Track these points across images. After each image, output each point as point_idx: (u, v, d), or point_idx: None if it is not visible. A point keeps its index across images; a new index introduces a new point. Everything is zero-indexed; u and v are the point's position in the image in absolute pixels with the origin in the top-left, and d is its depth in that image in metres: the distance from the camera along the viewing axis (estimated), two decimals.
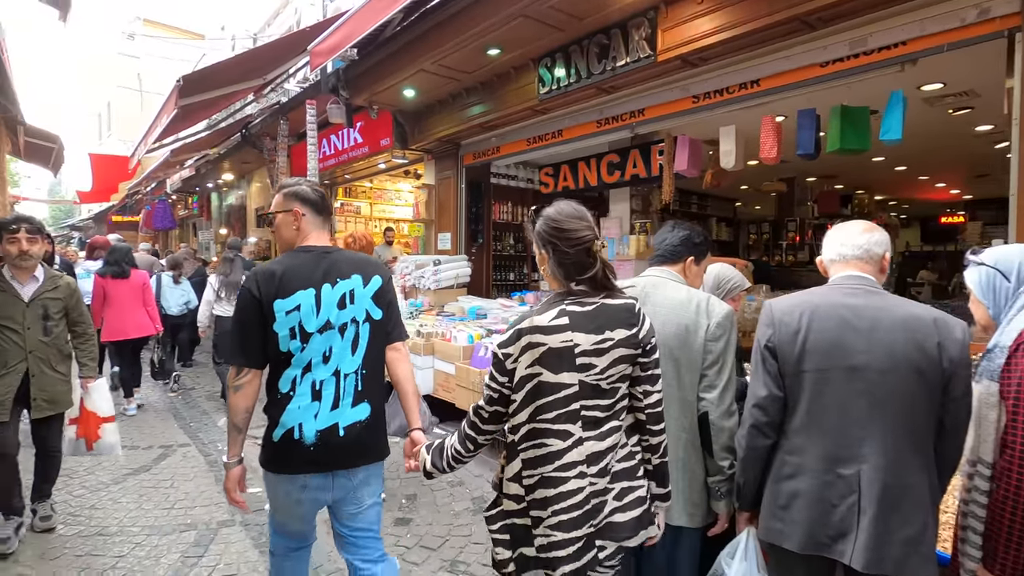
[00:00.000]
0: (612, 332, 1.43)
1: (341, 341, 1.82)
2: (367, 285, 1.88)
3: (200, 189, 15.89)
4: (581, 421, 1.42)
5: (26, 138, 10.37)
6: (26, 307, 2.85)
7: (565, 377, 1.40)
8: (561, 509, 1.40)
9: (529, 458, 1.43)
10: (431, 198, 7.45)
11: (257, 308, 1.75)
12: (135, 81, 25.30)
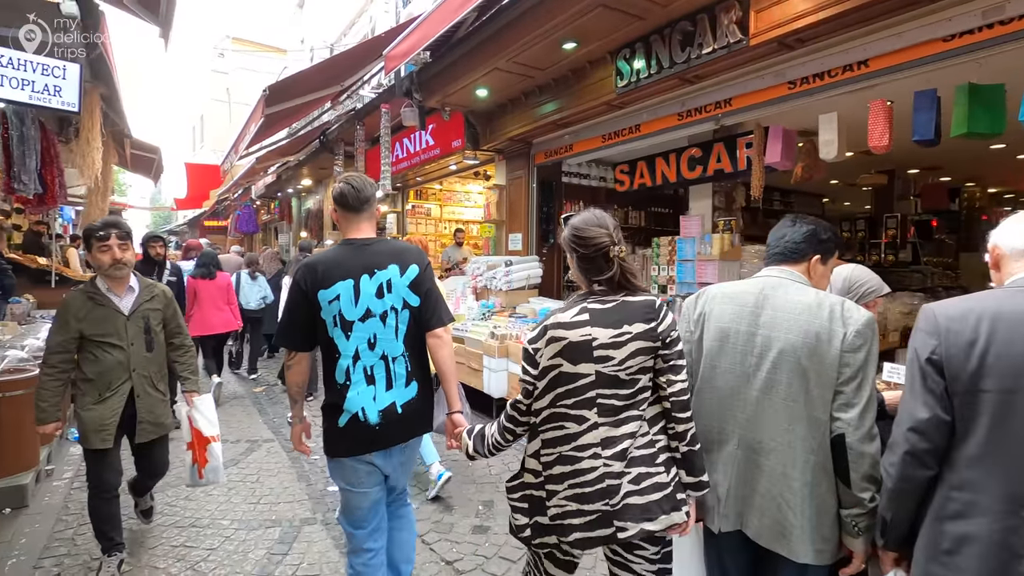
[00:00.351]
0: (630, 327, 1.56)
1: (384, 328, 1.97)
2: (404, 274, 2.00)
3: (281, 195, 16.73)
4: (597, 408, 1.56)
5: (131, 150, 11.28)
6: (127, 321, 2.61)
7: (583, 368, 1.55)
8: (575, 484, 1.54)
9: (548, 439, 1.60)
10: (502, 199, 7.39)
11: (304, 298, 1.94)
12: (225, 95, 27.08)
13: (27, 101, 4.61)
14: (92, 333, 2.51)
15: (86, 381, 2.55)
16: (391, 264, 1.98)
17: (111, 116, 7.91)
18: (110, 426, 2.55)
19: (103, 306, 2.57)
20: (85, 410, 2.53)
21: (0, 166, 5.81)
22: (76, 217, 15.89)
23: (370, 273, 1.95)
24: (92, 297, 2.56)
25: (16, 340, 4.15)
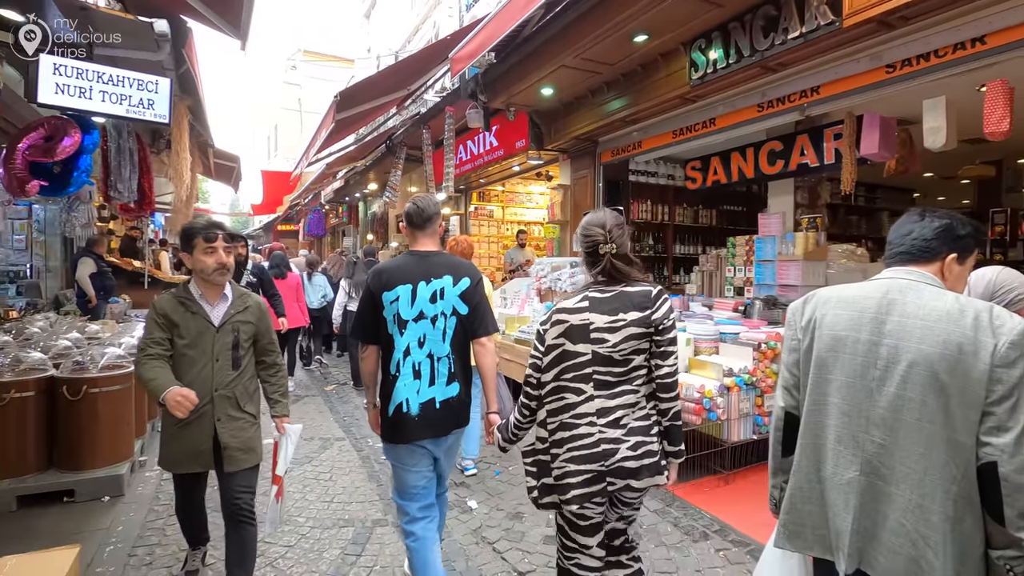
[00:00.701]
0: (625, 314, 1.77)
1: (433, 329, 2.23)
2: (456, 285, 2.27)
3: (349, 199, 17.34)
4: (593, 383, 1.80)
5: (214, 159, 11.99)
6: (216, 333, 2.30)
7: (581, 347, 1.80)
8: (572, 448, 1.79)
9: (551, 408, 1.86)
10: (566, 199, 7.26)
11: (371, 298, 2.25)
12: (296, 105, 28.43)
13: (124, 115, 4.94)
14: (179, 343, 2.26)
15: None
16: (446, 275, 2.27)
17: (196, 127, 8.41)
18: (196, 452, 2.29)
19: (194, 314, 2.29)
20: (169, 435, 2.30)
21: (99, 175, 6.29)
22: (166, 223, 17.13)
23: (427, 280, 2.23)
24: (183, 303, 2.29)
25: (114, 338, 4.44)
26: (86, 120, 4.94)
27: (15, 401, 3.22)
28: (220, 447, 2.29)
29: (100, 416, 3.40)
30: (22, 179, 4.54)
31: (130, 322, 7.51)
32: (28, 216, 7.84)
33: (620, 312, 1.78)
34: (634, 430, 1.79)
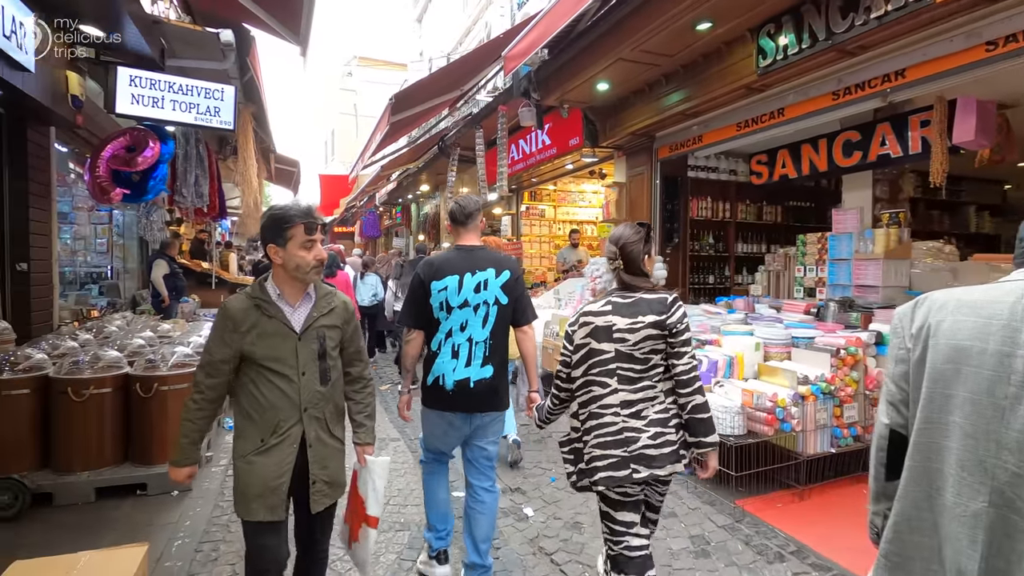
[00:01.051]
0: (644, 318, 1.98)
1: (475, 316, 2.44)
2: (498, 277, 2.47)
3: (402, 201, 17.65)
4: (617, 377, 2.00)
5: (275, 164, 12.48)
6: (298, 341, 1.90)
7: (605, 346, 2.01)
8: (599, 435, 1.99)
9: (582, 401, 2.07)
10: (622, 196, 7.06)
11: (421, 286, 2.46)
12: (352, 110, 29.27)
13: (193, 122, 5.15)
14: (256, 354, 1.85)
15: (245, 419, 1.88)
16: (490, 268, 2.48)
17: (260, 134, 8.73)
18: (279, 489, 1.86)
19: (272, 318, 1.88)
20: (245, 462, 1.86)
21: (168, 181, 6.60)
22: (232, 226, 18.00)
23: (472, 272, 2.45)
24: (259, 305, 1.88)
25: (183, 337, 4.62)
26: (162, 131, 5.19)
27: (94, 397, 3.37)
28: (305, 479, 1.91)
29: (169, 413, 3.52)
30: (105, 187, 4.82)
31: (198, 321, 7.87)
32: (109, 221, 8.34)
33: (639, 316, 2.00)
34: (653, 422, 1.99)
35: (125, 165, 4.93)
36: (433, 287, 2.42)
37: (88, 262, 7.98)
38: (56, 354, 3.76)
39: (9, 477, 3.06)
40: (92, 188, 4.87)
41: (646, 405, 1.99)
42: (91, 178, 4.83)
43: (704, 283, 7.05)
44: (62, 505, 3.25)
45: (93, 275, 8.14)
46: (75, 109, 4.76)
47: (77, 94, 4.67)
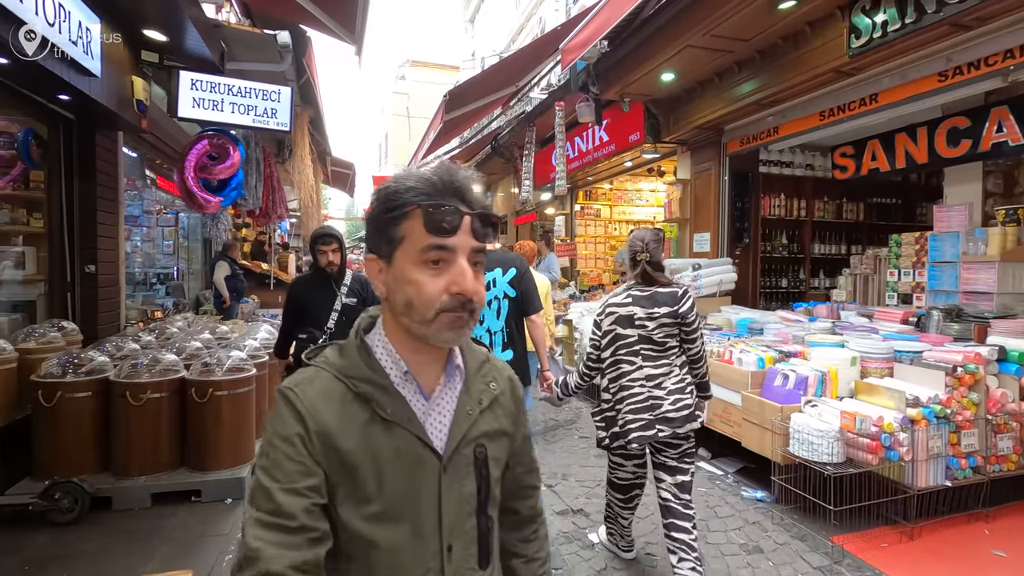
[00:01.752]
0: (659, 308, 2.41)
1: (489, 310, 2.82)
2: (504, 275, 2.83)
3: None
4: (641, 356, 2.45)
5: (332, 167, 12.68)
6: (442, 472, 0.82)
7: (629, 331, 2.46)
8: (631, 403, 2.45)
9: (611, 376, 2.53)
10: (686, 194, 6.65)
11: None
12: (405, 112, 29.74)
13: (251, 124, 5.15)
14: (359, 501, 0.79)
15: None
16: (496, 268, 2.84)
17: (316, 137, 8.83)
18: None
19: (394, 427, 0.82)
20: None
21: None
22: (290, 228, 18.49)
23: (487, 270, 2.74)
24: (365, 396, 0.82)
25: (239, 339, 4.61)
26: (235, 136, 5.26)
27: (151, 401, 3.35)
28: None
29: (224, 419, 3.46)
30: (202, 197, 4.95)
31: (256, 321, 8.01)
32: (175, 224, 8.63)
33: (655, 307, 2.41)
34: (672, 391, 2.43)
35: (207, 173, 5.03)
36: None
37: (156, 264, 8.27)
38: (119, 356, 3.79)
39: (70, 481, 3.06)
40: (187, 199, 4.98)
41: (665, 378, 2.45)
42: (184, 190, 4.94)
43: (776, 287, 6.53)
44: (120, 510, 3.23)
45: (160, 276, 8.43)
46: (140, 114, 4.83)
47: (142, 99, 4.74)
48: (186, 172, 4.92)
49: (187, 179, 4.92)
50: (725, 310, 5.53)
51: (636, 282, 2.49)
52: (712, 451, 4.15)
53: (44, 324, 3.93)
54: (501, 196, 14.77)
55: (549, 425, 5.13)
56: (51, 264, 4.45)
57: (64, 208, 4.48)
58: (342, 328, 2.97)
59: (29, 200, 4.41)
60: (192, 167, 4.96)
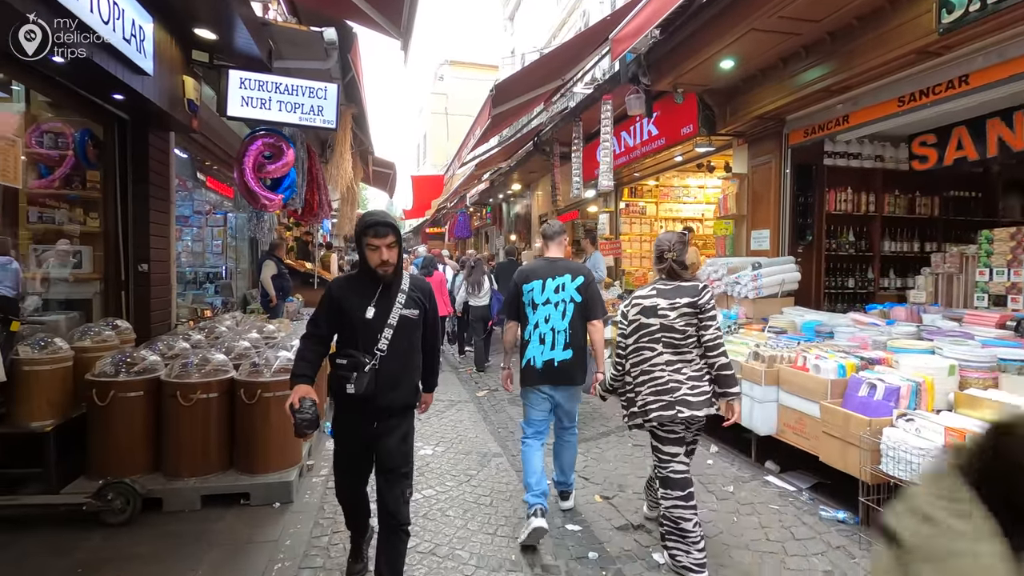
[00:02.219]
0: (680, 300, 2.70)
1: (555, 311, 3.12)
2: (573, 281, 3.13)
3: (492, 201, 17.56)
4: (662, 343, 2.72)
5: (373, 167, 12.73)
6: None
7: (652, 321, 2.74)
8: (651, 386, 2.72)
9: (634, 362, 2.82)
10: (743, 189, 6.29)
11: (516, 288, 3.20)
12: (444, 113, 29.86)
13: (298, 123, 5.11)
14: None
15: None
16: (567, 274, 3.15)
17: (359, 135, 8.82)
18: None
19: None
20: None
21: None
22: (332, 228, 18.79)
23: (552, 277, 3.14)
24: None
25: (286, 339, 4.56)
26: (287, 135, 5.27)
27: (201, 402, 3.30)
28: None
29: (272, 421, 3.38)
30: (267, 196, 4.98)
31: (301, 320, 8.05)
32: (224, 223, 8.78)
33: (677, 298, 2.69)
34: (691, 377, 2.67)
35: (263, 173, 5.05)
36: (524, 288, 3.19)
37: (206, 263, 8.43)
38: (170, 355, 3.78)
39: (122, 482, 3.03)
40: (248, 198, 5.01)
41: (684, 364, 2.70)
42: (245, 190, 4.97)
43: (842, 287, 6.10)
44: (170, 512, 3.19)
45: (210, 275, 8.59)
46: (191, 113, 4.85)
47: (193, 98, 4.75)
48: (246, 173, 4.93)
49: (247, 179, 4.93)
50: (788, 312, 5.18)
51: (661, 277, 2.85)
52: (780, 464, 3.85)
53: (99, 323, 3.96)
54: (540, 195, 14.58)
55: (600, 431, 4.91)
56: (106, 263, 4.51)
57: (118, 208, 4.53)
58: (396, 351, 2.28)
59: (86, 200, 4.48)
60: (251, 167, 4.97)
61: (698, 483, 3.69)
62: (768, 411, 3.68)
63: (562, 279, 3.13)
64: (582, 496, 3.55)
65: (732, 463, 4.06)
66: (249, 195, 5.06)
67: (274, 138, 5.11)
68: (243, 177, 4.98)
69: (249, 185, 4.96)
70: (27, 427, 3.13)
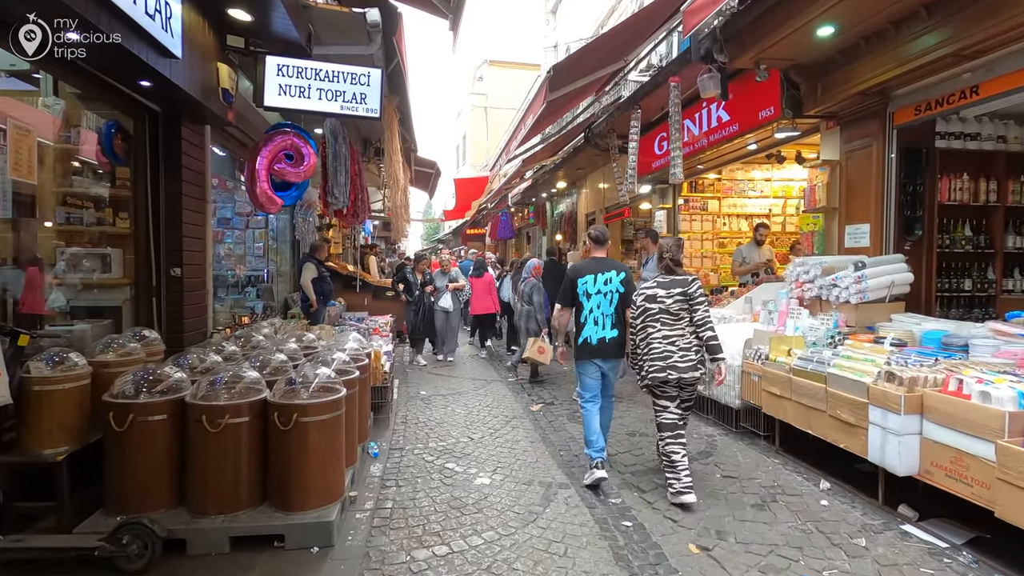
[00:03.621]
0: (675, 289, 3.59)
1: (604, 300, 3.93)
2: (618, 276, 3.95)
3: (535, 200, 16.97)
4: (660, 322, 3.59)
5: (415, 167, 12.35)
6: None
7: (653, 305, 3.62)
8: (653, 355, 3.59)
9: (641, 338, 3.68)
10: (835, 179, 5.52)
11: (571, 281, 4.00)
12: (483, 114, 29.58)
13: (339, 112, 4.67)
14: None
15: None
16: (612, 270, 3.96)
17: (402, 132, 8.40)
18: None
19: None
20: None
21: (319, 183, 6.34)
22: (374, 229, 18.61)
23: (602, 272, 3.95)
24: None
25: (327, 352, 4.12)
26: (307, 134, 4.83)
27: (230, 428, 2.85)
28: None
29: (310, 449, 2.91)
30: (269, 197, 4.57)
31: (344, 326, 7.67)
32: (265, 226, 8.50)
33: (672, 288, 3.63)
34: (683, 348, 3.58)
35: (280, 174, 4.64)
36: (579, 282, 3.93)
37: (248, 266, 8.16)
38: (200, 369, 3.37)
39: (139, 523, 2.60)
40: (259, 197, 4.60)
41: (678, 339, 3.58)
42: (253, 186, 4.56)
43: (957, 290, 5.25)
44: (195, 555, 2.75)
45: (251, 279, 8.32)
46: (226, 104, 4.49)
47: (228, 88, 4.38)
48: (259, 164, 4.47)
49: (259, 170, 4.47)
50: (899, 319, 4.42)
51: (660, 273, 3.76)
52: (919, 509, 3.13)
53: (126, 333, 3.59)
54: (586, 193, 13.92)
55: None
56: (137, 267, 4.16)
57: (149, 207, 4.18)
58: None
59: (115, 199, 4.14)
60: (268, 160, 4.53)
61: (818, 532, 3.03)
62: (908, 445, 2.97)
63: (609, 274, 3.93)
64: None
65: (852, 505, 3.35)
66: (253, 188, 4.57)
67: (301, 140, 4.68)
68: (254, 168, 4.49)
69: (259, 177, 4.49)
70: (38, 455, 2.75)
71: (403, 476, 3.92)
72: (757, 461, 4.14)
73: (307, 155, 4.66)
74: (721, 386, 4.47)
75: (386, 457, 4.31)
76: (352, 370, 3.65)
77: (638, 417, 5.29)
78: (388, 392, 5.15)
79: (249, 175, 4.60)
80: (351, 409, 3.45)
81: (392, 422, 5.24)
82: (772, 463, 4.09)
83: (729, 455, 4.27)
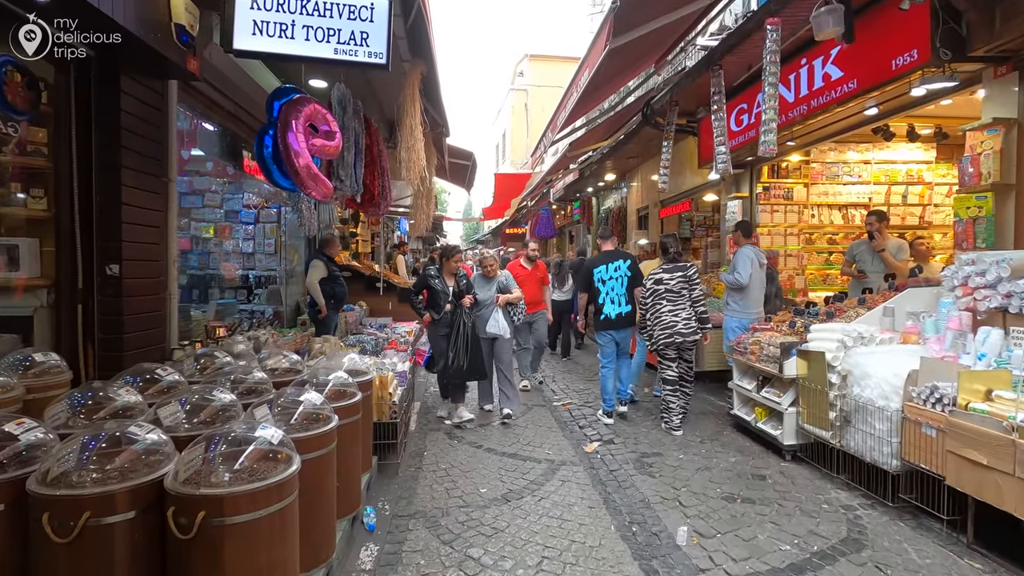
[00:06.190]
0: (677, 274, 5.03)
1: (617, 283, 5.29)
2: (624, 263, 5.38)
3: (580, 195, 15.60)
4: (665, 299, 5.01)
5: (449, 159, 11.15)
6: None
7: (660, 287, 5.05)
8: (661, 325, 5.00)
9: (652, 311, 5.09)
10: (1010, 144, 3.99)
11: (588, 271, 5.47)
12: (524, 110, 28.54)
13: (332, 56, 3.49)
14: None
15: None
16: (619, 259, 5.39)
17: (430, 111, 7.19)
18: None
19: None
20: None
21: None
22: (411, 229, 17.64)
23: (612, 262, 5.37)
24: None
25: (327, 370, 2.95)
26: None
27: (91, 534, 1.66)
28: None
29: (228, 572, 1.70)
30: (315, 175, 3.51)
31: (361, 334, 6.53)
32: (277, 220, 7.47)
33: (676, 273, 4.98)
34: (683, 319, 4.91)
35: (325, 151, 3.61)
36: (595, 271, 5.36)
37: (256, 266, 7.13)
38: (101, 416, 2.23)
39: None
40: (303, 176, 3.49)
41: (680, 311, 4.92)
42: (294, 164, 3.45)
43: None
44: None
45: (261, 279, 7.29)
46: (184, 48, 3.37)
47: (184, 24, 3.26)
48: (293, 141, 3.36)
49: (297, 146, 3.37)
50: None
51: (664, 262, 5.16)
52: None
53: (9, 357, 2.50)
54: (637, 187, 12.48)
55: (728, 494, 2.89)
56: (58, 263, 3.09)
57: (76, 184, 3.10)
58: None
59: (26, 171, 3.08)
60: (303, 135, 3.44)
61: None
62: None
63: (617, 263, 5.36)
64: None
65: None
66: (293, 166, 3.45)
67: (326, 109, 3.63)
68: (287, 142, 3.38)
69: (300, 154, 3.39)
70: None
71: (406, 568, 2.70)
72: (941, 562, 2.72)
73: (334, 128, 3.62)
74: (867, 438, 3.07)
75: (386, 530, 3.09)
76: (329, 416, 2.44)
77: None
78: (399, 430, 3.93)
79: (285, 152, 3.47)
80: (319, 480, 2.24)
81: (402, 467, 4.03)
82: (968, 569, 2.66)
83: (892, 548, 2.85)
